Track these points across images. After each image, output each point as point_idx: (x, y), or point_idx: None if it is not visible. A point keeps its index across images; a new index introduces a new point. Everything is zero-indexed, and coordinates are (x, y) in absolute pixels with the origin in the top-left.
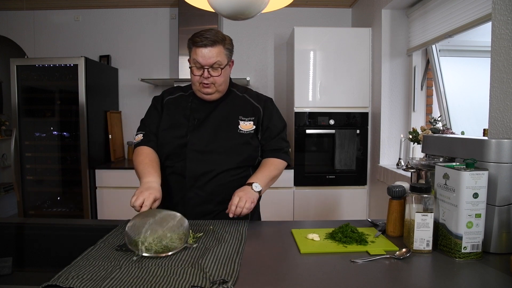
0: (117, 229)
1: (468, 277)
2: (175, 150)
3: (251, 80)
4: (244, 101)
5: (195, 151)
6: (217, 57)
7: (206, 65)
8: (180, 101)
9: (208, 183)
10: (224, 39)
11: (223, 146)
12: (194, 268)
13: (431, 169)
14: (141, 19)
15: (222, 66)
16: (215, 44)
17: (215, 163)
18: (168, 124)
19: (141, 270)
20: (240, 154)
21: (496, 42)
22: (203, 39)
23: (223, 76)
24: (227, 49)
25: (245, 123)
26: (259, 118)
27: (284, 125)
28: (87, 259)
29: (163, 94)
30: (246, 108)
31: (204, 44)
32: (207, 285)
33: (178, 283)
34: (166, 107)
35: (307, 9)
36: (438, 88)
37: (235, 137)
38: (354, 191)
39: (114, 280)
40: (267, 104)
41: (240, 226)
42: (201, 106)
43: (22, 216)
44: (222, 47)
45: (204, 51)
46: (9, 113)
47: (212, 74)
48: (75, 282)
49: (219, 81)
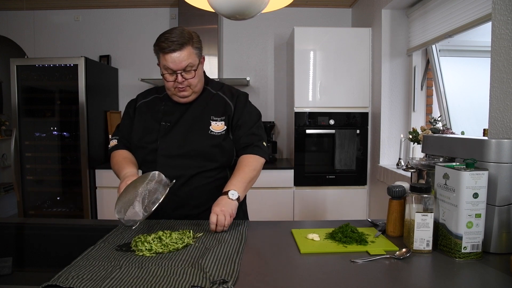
0: (117, 229)
1: (468, 277)
2: (147, 156)
3: (251, 80)
4: (217, 99)
5: (165, 156)
6: (188, 60)
7: (178, 70)
8: (153, 105)
9: (181, 188)
10: (191, 37)
11: (194, 150)
12: (194, 268)
13: (431, 169)
14: (141, 19)
15: (195, 68)
16: (183, 46)
17: (186, 167)
18: (140, 130)
19: (141, 270)
20: (212, 157)
21: (496, 42)
22: (170, 44)
23: (197, 77)
24: (196, 48)
25: (217, 124)
26: (230, 116)
27: (257, 119)
28: (87, 259)
29: (137, 98)
30: (218, 107)
31: (172, 49)
32: (207, 285)
33: (178, 283)
34: (138, 111)
35: (307, 9)
36: (438, 88)
37: (206, 139)
38: (354, 191)
39: (114, 280)
40: (239, 99)
41: (240, 226)
42: (173, 109)
43: (22, 216)
44: (190, 47)
45: (173, 56)
46: (9, 113)
47: (186, 78)
48: (75, 282)
49: (194, 82)
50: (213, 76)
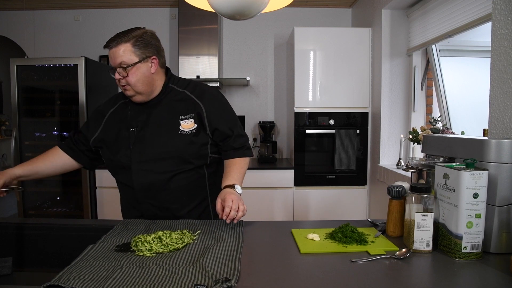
0: (114, 230)
1: (468, 277)
2: (119, 163)
3: (251, 80)
4: (183, 97)
5: (138, 162)
6: (122, 57)
7: (115, 66)
8: (120, 112)
9: (159, 193)
10: (136, 36)
11: (166, 152)
12: (195, 267)
13: (431, 169)
14: (141, 19)
15: (127, 66)
16: (119, 43)
17: (161, 170)
18: (111, 139)
19: (143, 270)
20: (186, 156)
21: (496, 42)
22: (110, 41)
23: (133, 76)
24: (136, 46)
25: (186, 122)
26: (201, 115)
27: (235, 118)
28: (87, 260)
29: (105, 108)
30: (185, 106)
31: (108, 45)
32: (210, 283)
33: (181, 283)
34: (108, 121)
35: (307, 9)
36: (438, 88)
37: (177, 139)
38: (354, 191)
39: (116, 280)
40: (208, 98)
41: (236, 226)
42: (139, 112)
43: (22, 216)
44: (129, 44)
45: (110, 53)
46: (9, 113)
47: (122, 75)
48: (77, 282)
49: (131, 81)
50: (213, 76)
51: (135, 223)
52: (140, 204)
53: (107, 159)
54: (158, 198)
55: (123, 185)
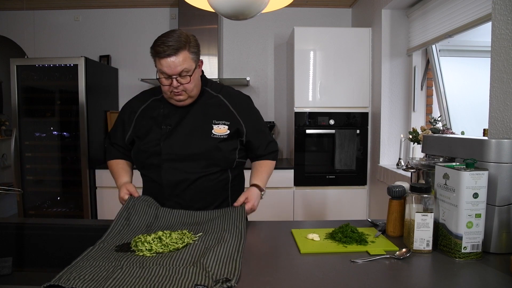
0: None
1: (468, 277)
2: (149, 159)
3: (251, 80)
4: (218, 102)
5: (169, 160)
6: (183, 65)
7: (173, 75)
8: (152, 109)
9: (185, 190)
10: (188, 41)
11: (196, 153)
12: (196, 267)
13: (431, 169)
14: (141, 19)
15: (190, 73)
16: (178, 51)
17: (190, 170)
18: (141, 133)
19: (143, 270)
20: (214, 159)
21: (496, 42)
22: (165, 48)
23: (193, 82)
24: (193, 53)
25: (219, 127)
26: (235, 123)
27: (266, 127)
28: (87, 260)
29: (134, 105)
30: (220, 112)
31: (168, 54)
32: (210, 284)
33: (181, 283)
34: (139, 117)
35: (307, 9)
36: (438, 88)
37: (208, 142)
38: (354, 191)
39: (116, 280)
40: (241, 105)
41: (238, 221)
42: (173, 112)
43: (22, 216)
44: (187, 52)
45: (168, 61)
46: (9, 113)
47: (181, 82)
48: (77, 282)
49: (189, 87)
50: (213, 76)
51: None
52: (167, 200)
53: (136, 153)
54: (183, 196)
55: (149, 180)
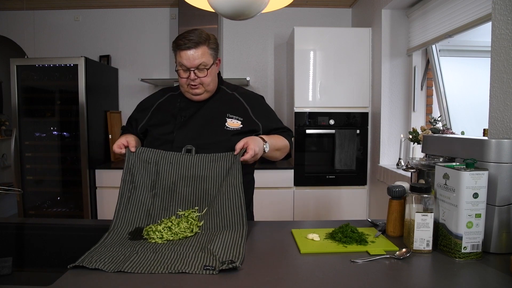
0: (121, 196)
1: (468, 277)
2: (161, 147)
3: (251, 80)
4: (233, 98)
5: (180, 148)
6: (202, 58)
7: (192, 67)
8: (169, 102)
9: None
10: (208, 38)
11: (208, 143)
12: (204, 252)
13: (431, 169)
14: (141, 19)
15: (208, 67)
16: (198, 45)
17: None
18: (156, 122)
19: (157, 254)
20: (225, 151)
21: (496, 42)
22: (186, 42)
23: (209, 76)
24: (212, 49)
25: (233, 121)
26: (250, 121)
27: (278, 120)
28: (105, 246)
29: (151, 100)
30: (234, 107)
31: (188, 47)
32: (217, 265)
33: (191, 264)
34: (156, 109)
35: (307, 9)
36: (438, 88)
37: (221, 134)
38: (354, 191)
39: (133, 263)
40: (256, 102)
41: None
42: (189, 105)
43: (22, 216)
44: (206, 47)
45: (188, 54)
46: (9, 113)
47: (198, 75)
48: (99, 264)
49: (206, 81)
50: None
51: (142, 161)
52: None
53: (149, 141)
54: None
55: None
